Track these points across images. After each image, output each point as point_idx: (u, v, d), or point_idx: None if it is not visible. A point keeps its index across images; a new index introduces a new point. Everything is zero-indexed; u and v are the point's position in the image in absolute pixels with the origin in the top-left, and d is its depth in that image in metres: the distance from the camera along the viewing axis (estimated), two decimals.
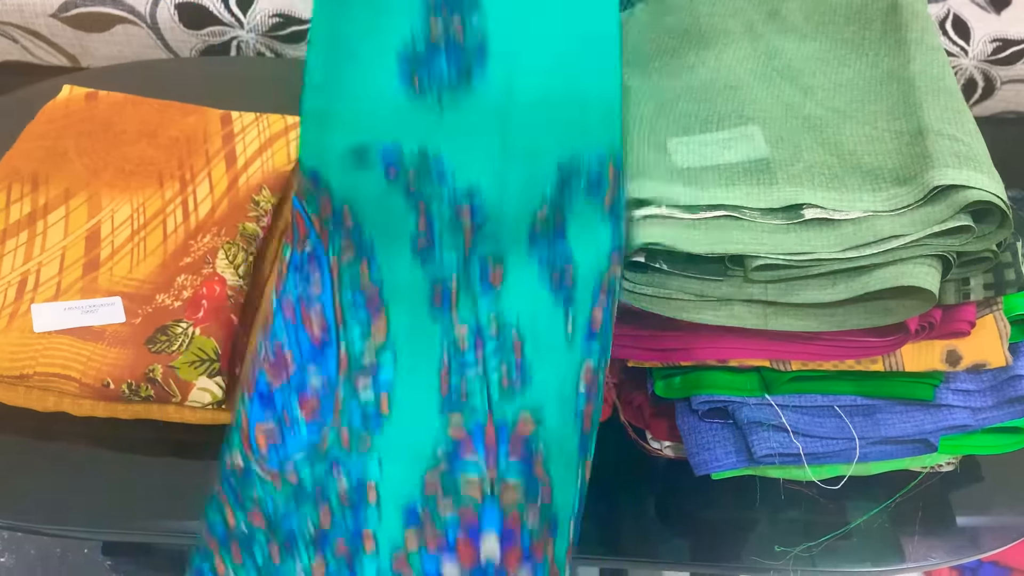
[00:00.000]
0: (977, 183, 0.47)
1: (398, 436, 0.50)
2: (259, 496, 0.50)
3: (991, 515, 0.65)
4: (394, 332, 0.52)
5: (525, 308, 0.52)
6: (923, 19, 0.64)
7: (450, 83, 0.51)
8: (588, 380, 0.50)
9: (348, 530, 0.49)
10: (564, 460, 0.50)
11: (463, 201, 0.52)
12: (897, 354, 0.55)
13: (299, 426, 0.51)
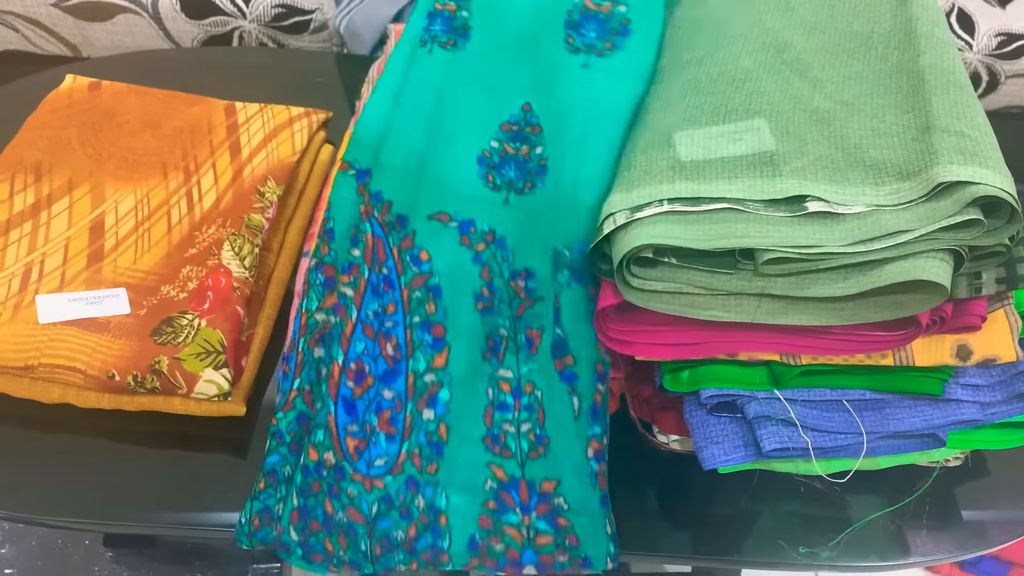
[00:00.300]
0: (983, 179, 0.47)
1: (455, 467, 0.60)
2: (353, 493, 0.58)
3: (997, 510, 0.65)
4: (451, 365, 0.62)
5: (545, 387, 0.62)
6: (933, 12, 0.64)
7: (516, 186, 0.68)
8: (595, 449, 0.60)
9: (429, 546, 0.58)
10: (587, 514, 0.59)
11: (518, 277, 0.65)
12: (907, 348, 0.55)
13: (379, 437, 0.60)
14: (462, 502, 0.59)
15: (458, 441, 0.60)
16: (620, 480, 0.65)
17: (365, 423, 0.60)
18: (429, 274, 0.64)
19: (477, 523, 0.58)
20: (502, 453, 0.60)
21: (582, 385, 0.61)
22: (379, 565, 0.58)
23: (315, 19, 1.20)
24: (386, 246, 0.65)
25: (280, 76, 0.98)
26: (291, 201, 0.75)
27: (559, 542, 0.58)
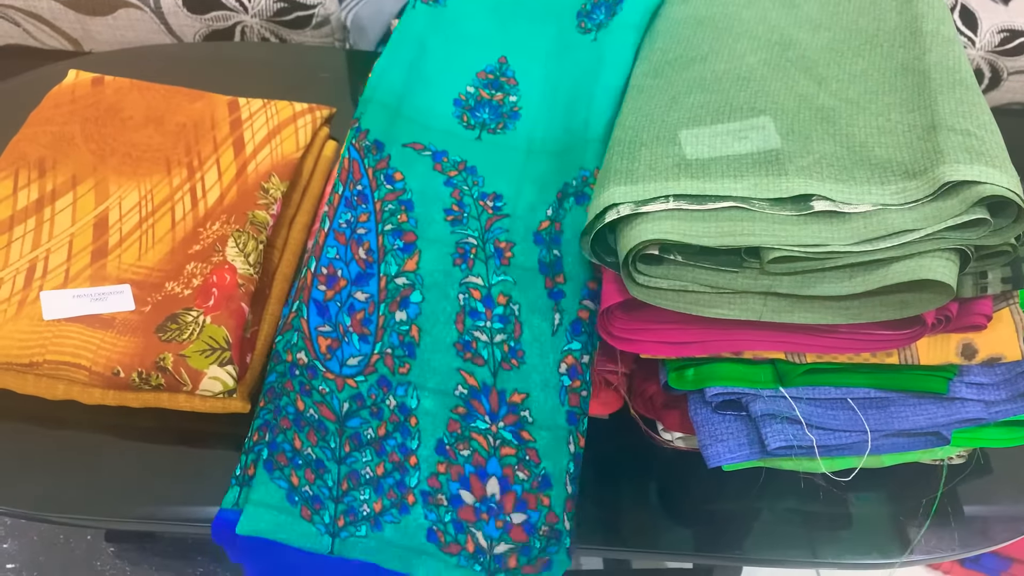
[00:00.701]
0: (989, 178, 0.47)
1: (427, 369, 0.62)
2: (325, 391, 0.61)
3: (1000, 507, 0.65)
4: (423, 267, 0.66)
5: (525, 300, 0.65)
6: (939, 10, 0.64)
7: (488, 127, 0.75)
8: (569, 365, 0.62)
9: (398, 446, 0.60)
10: (550, 430, 0.60)
11: (487, 197, 0.70)
12: (912, 347, 0.55)
13: (351, 337, 0.63)
14: (432, 405, 0.61)
15: (431, 343, 0.63)
16: (623, 477, 0.65)
17: (338, 324, 0.63)
18: (402, 191, 0.69)
19: (446, 427, 0.60)
20: (474, 360, 0.62)
21: (567, 302, 0.64)
22: (344, 465, 0.59)
23: (317, 14, 1.20)
24: (361, 167, 0.69)
25: (283, 71, 0.98)
26: (295, 197, 0.75)
27: (520, 456, 0.60)
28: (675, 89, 0.60)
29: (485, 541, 0.58)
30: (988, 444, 0.62)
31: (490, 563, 0.58)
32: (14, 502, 0.60)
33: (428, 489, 0.59)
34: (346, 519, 0.58)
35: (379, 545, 0.58)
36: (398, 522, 0.58)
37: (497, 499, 0.59)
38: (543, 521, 0.59)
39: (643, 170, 0.54)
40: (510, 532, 0.58)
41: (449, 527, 0.58)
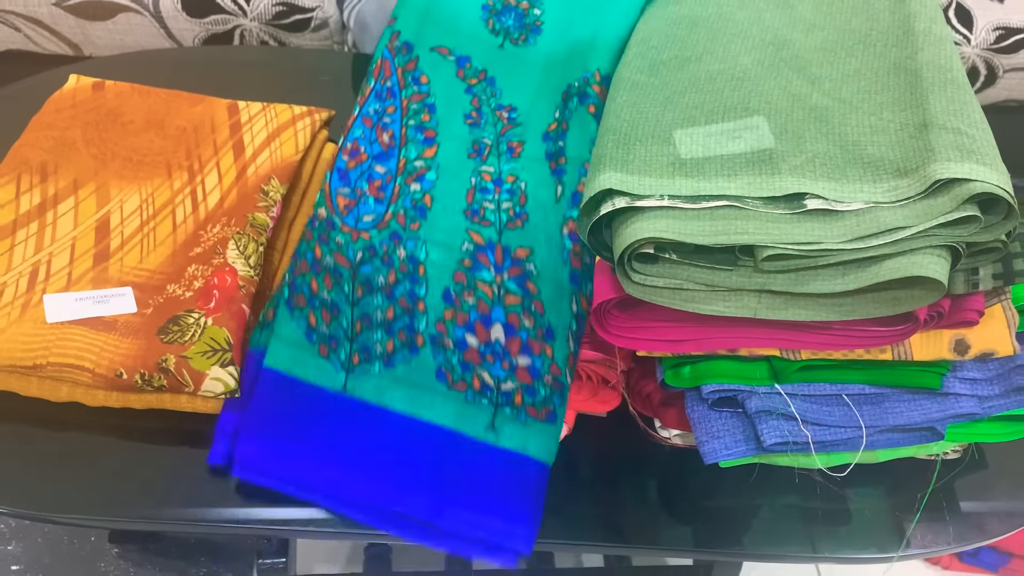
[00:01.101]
0: (979, 175, 0.47)
1: (436, 228, 0.68)
2: (341, 242, 0.67)
3: (996, 501, 0.66)
4: (440, 156, 0.72)
5: (531, 178, 0.71)
6: (931, 9, 0.65)
7: (512, 35, 0.79)
8: (571, 229, 0.68)
9: (407, 292, 0.65)
10: (554, 283, 0.66)
11: (503, 109, 0.76)
12: (906, 343, 0.55)
13: (368, 199, 0.69)
14: (440, 257, 0.67)
15: (441, 209, 0.69)
16: (622, 475, 0.66)
17: (356, 187, 0.70)
18: (427, 94, 0.75)
19: (452, 277, 0.66)
20: (481, 223, 0.68)
21: (568, 177, 0.70)
22: (357, 308, 0.65)
23: (316, 17, 1.20)
24: (392, 66, 0.77)
25: (282, 74, 0.98)
26: (295, 200, 0.75)
27: (526, 305, 0.65)
28: (670, 89, 0.61)
29: (492, 380, 0.63)
30: (982, 439, 0.63)
31: (497, 398, 0.62)
32: (19, 503, 0.61)
33: (436, 333, 0.64)
34: (361, 357, 0.63)
35: (390, 383, 0.63)
36: (409, 362, 0.63)
37: (502, 343, 0.63)
38: (547, 370, 0.63)
39: (638, 164, 0.54)
40: (516, 373, 0.63)
41: (456, 367, 0.63)
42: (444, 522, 0.59)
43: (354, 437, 0.61)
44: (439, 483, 0.60)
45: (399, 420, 0.62)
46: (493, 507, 0.59)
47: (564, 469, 0.64)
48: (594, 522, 0.64)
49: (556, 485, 0.64)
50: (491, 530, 0.59)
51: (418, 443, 0.61)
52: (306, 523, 0.62)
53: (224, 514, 0.62)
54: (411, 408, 0.62)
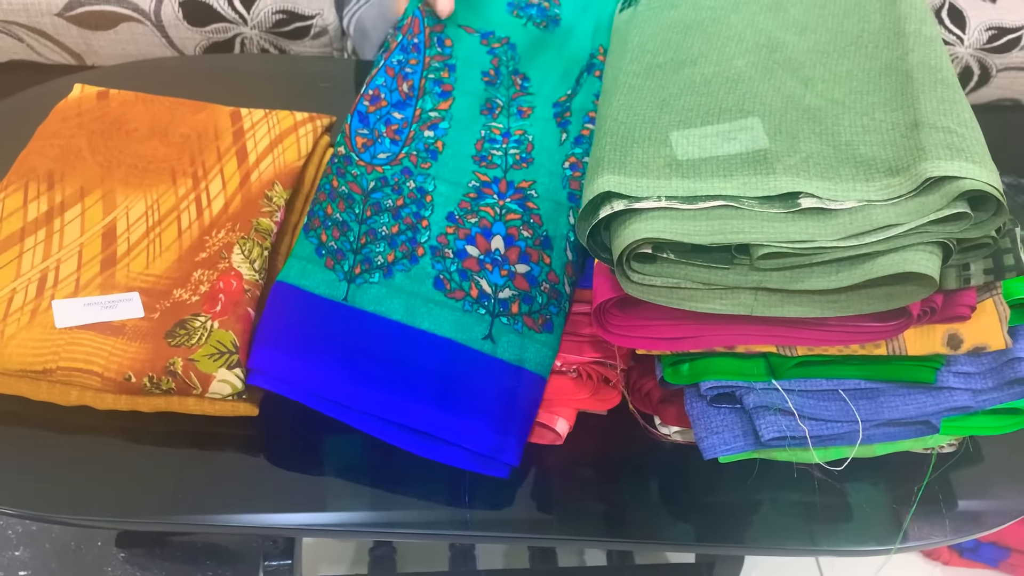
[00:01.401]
0: (969, 173, 0.48)
1: (446, 168, 0.73)
2: (356, 173, 0.72)
3: (991, 494, 0.67)
4: (454, 109, 0.77)
5: (538, 131, 0.76)
6: (921, 11, 0.66)
7: (533, 21, 0.86)
8: (572, 162, 0.73)
9: (413, 213, 0.70)
10: (552, 202, 0.71)
11: (518, 75, 0.82)
12: (900, 338, 0.56)
13: (384, 140, 0.74)
14: (447, 189, 0.71)
15: (451, 154, 0.74)
16: (624, 472, 0.67)
17: (374, 129, 0.74)
18: (449, 56, 0.81)
19: (457, 205, 0.70)
20: (488, 166, 0.73)
21: (572, 127, 0.76)
22: (365, 225, 0.69)
23: (315, 24, 1.22)
24: (420, 24, 0.82)
25: (283, 81, 0.99)
26: (298, 204, 0.77)
27: (525, 219, 0.69)
28: (666, 92, 0.62)
29: (489, 287, 0.66)
30: (977, 432, 0.64)
31: (494, 307, 0.65)
32: (30, 505, 0.62)
33: (436, 244, 0.68)
34: (362, 267, 0.67)
35: (388, 291, 0.66)
36: (408, 270, 0.67)
37: (502, 252, 0.67)
38: (544, 277, 0.66)
39: (635, 166, 0.55)
40: (513, 280, 0.66)
41: (455, 275, 0.66)
42: (439, 431, 0.61)
43: (354, 344, 0.64)
44: (435, 392, 0.62)
45: (398, 328, 0.64)
46: (487, 418, 0.61)
47: (567, 466, 0.65)
48: (596, 517, 0.65)
49: (559, 482, 0.65)
50: (483, 442, 0.61)
51: (416, 352, 0.63)
52: (311, 525, 0.63)
53: (234, 520, 0.63)
54: (408, 317, 0.65)
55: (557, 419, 0.64)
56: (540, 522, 0.65)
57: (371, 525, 0.63)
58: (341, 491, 0.64)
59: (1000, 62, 1.27)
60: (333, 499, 0.64)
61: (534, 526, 0.65)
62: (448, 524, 0.63)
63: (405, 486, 0.64)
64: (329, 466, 0.65)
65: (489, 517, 0.64)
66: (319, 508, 0.63)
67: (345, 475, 0.65)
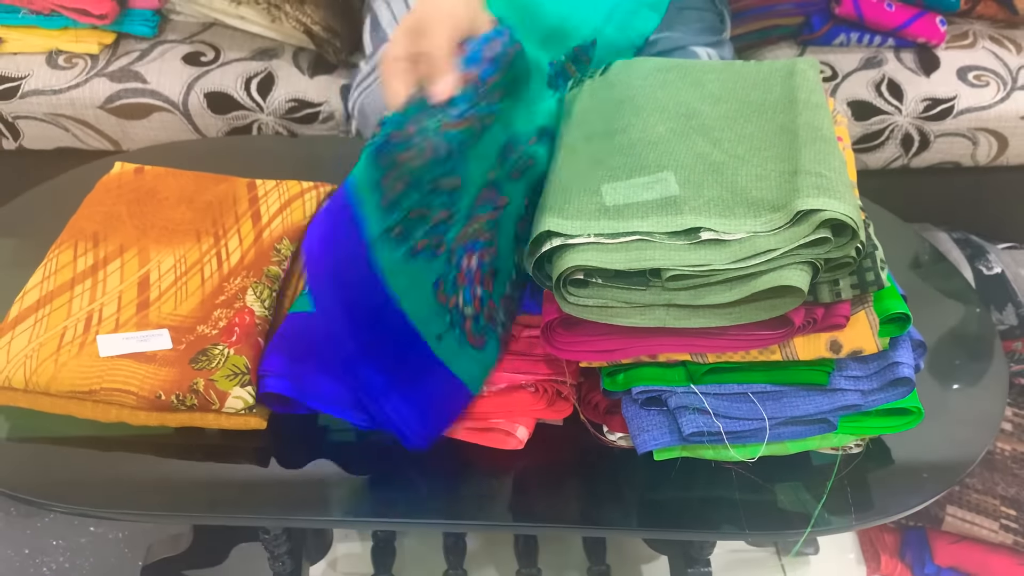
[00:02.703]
0: (829, 206, 0.61)
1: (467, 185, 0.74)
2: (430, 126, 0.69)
3: (892, 488, 0.76)
4: None
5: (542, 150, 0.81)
6: (811, 83, 0.80)
7: None
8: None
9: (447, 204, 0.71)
10: (507, 237, 0.77)
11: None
12: (792, 346, 0.68)
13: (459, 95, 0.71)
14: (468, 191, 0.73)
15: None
16: (577, 473, 0.78)
17: None
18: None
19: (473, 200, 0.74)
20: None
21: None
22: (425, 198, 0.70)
23: (323, 111, 1.38)
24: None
25: (293, 158, 1.14)
26: (302, 255, 0.90)
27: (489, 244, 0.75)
28: (600, 153, 0.75)
29: (461, 302, 0.73)
30: (875, 431, 0.75)
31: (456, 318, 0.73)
32: (78, 501, 0.74)
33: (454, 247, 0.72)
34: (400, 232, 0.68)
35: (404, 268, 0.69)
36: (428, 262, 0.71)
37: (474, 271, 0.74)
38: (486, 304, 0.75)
39: (572, 211, 0.68)
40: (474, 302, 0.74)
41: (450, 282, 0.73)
42: (385, 403, 0.70)
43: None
44: (392, 368, 0.70)
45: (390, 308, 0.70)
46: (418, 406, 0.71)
47: (530, 469, 0.77)
48: (554, 509, 0.75)
49: (524, 481, 0.76)
50: (409, 425, 0.71)
51: (391, 330, 0.70)
52: (311, 517, 0.74)
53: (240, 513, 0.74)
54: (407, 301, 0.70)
55: (518, 427, 0.76)
56: (506, 512, 0.75)
57: (366, 515, 0.74)
58: (336, 488, 0.75)
59: (937, 129, 1.41)
60: (329, 495, 0.75)
61: (502, 515, 0.75)
62: (437, 513, 0.75)
63: (397, 483, 0.76)
64: (328, 468, 0.77)
65: (462, 509, 0.75)
66: (319, 503, 0.74)
67: (340, 476, 0.76)
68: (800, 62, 0.84)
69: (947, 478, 0.78)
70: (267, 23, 1.37)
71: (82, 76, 1.34)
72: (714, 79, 0.84)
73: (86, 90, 1.33)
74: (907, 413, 0.73)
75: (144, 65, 1.36)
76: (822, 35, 1.46)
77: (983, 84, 1.40)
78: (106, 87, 1.34)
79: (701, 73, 0.86)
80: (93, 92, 1.33)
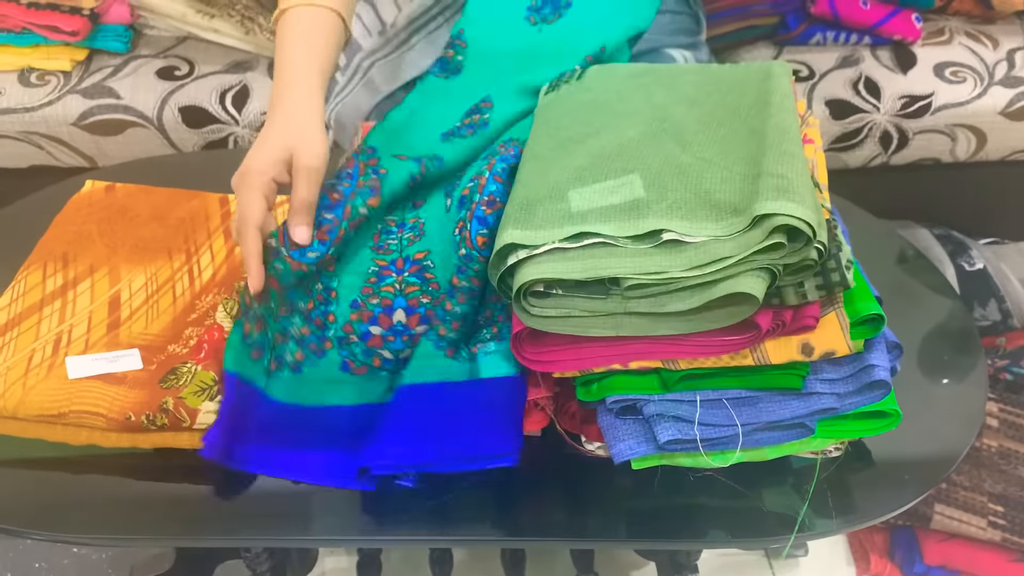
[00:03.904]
0: (785, 210, 0.60)
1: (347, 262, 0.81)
2: (280, 268, 0.76)
3: (874, 491, 0.76)
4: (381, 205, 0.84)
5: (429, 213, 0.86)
6: (785, 86, 0.79)
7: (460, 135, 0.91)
8: (460, 226, 0.77)
9: (321, 312, 0.78)
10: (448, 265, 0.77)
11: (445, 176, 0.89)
12: (763, 350, 0.68)
13: (314, 241, 0.77)
14: (349, 280, 0.79)
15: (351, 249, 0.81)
16: (559, 485, 0.77)
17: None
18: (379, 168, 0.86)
19: (360, 292, 0.79)
20: (385, 252, 0.82)
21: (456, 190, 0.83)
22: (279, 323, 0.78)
23: None
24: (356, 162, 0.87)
25: None
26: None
27: (424, 289, 0.78)
28: (571, 158, 0.75)
29: (391, 354, 0.76)
30: (853, 435, 0.74)
31: (395, 366, 0.76)
32: (49, 527, 0.73)
33: (342, 334, 0.77)
34: (276, 364, 0.77)
35: (298, 385, 0.77)
36: (316, 365, 0.77)
37: (403, 322, 0.77)
38: (447, 322, 0.75)
39: (538, 221, 0.68)
40: (412, 340, 0.76)
41: (359, 355, 0.76)
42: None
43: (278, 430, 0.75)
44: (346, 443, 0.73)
45: (309, 411, 0.75)
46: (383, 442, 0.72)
47: (512, 482, 0.76)
48: (539, 523, 0.74)
49: (507, 494, 0.75)
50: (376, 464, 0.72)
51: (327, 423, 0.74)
52: (293, 537, 0.73)
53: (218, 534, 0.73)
54: (318, 399, 0.76)
55: None
56: (490, 527, 0.74)
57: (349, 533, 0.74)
58: (318, 506, 0.74)
59: (915, 126, 1.41)
60: (311, 513, 0.74)
61: (486, 531, 0.75)
62: (421, 530, 0.74)
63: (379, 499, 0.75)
64: (308, 485, 0.75)
65: (446, 525, 0.74)
66: (301, 521, 0.73)
67: (322, 493, 0.75)
68: (775, 66, 0.83)
69: (930, 478, 0.77)
70: (241, 35, 1.36)
71: (55, 93, 1.33)
72: (691, 82, 0.84)
73: (59, 107, 1.32)
74: (885, 416, 0.73)
75: (118, 81, 1.35)
76: (798, 34, 1.46)
77: (960, 80, 1.40)
78: (79, 104, 1.33)
79: (678, 76, 0.86)
80: (66, 109, 1.32)
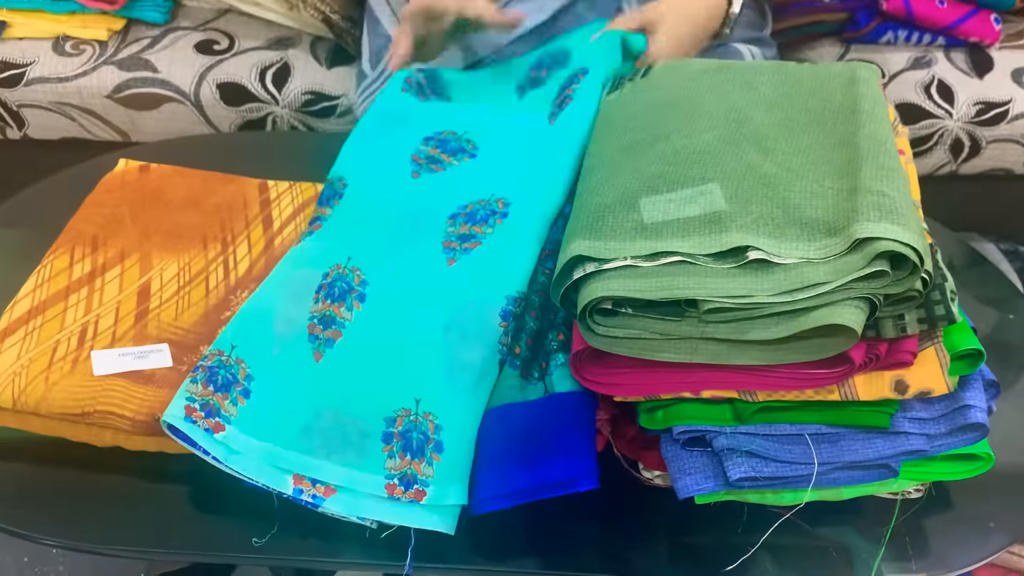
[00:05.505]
0: (889, 234, 0.54)
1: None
2: None
3: (957, 537, 0.70)
4: None
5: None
6: (875, 92, 0.72)
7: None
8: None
9: None
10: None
11: None
12: (851, 384, 0.61)
13: None
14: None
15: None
16: (611, 512, 0.71)
17: None
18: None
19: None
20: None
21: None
22: None
23: (341, 104, 1.31)
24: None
25: (308, 156, 1.08)
26: None
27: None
28: (640, 163, 0.69)
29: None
30: (938, 477, 0.68)
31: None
32: (66, 535, 0.68)
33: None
34: None
35: None
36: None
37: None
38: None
39: (607, 231, 0.62)
40: None
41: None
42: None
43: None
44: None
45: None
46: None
47: (557, 507, 0.70)
48: (583, 552, 0.69)
49: (549, 520, 0.70)
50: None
51: None
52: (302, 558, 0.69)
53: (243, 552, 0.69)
54: None
55: None
56: (531, 554, 0.69)
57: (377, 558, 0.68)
58: (350, 526, 0.69)
59: (989, 134, 1.33)
60: (341, 533, 0.69)
61: (525, 560, 0.69)
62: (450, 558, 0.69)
63: None
64: None
65: (482, 548, 0.69)
66: (330, 542, 0.68)
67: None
68: (861, 68, 0.77)
69: (1018, 525, 0.71)
70: (284, 11, 1.31)
71: (90, 64, 1.29)
72: (766, 82, 0.77)
73: (94, 78, 1.28)
74: (975, 459, 0.67)
75: (154, 53, 1.30)
76: (868, 32, 1.38)
77: None
78: (114, 76, 1.28)
79: (752, 75, 0.79)
80: (101, 81, 1.28)
